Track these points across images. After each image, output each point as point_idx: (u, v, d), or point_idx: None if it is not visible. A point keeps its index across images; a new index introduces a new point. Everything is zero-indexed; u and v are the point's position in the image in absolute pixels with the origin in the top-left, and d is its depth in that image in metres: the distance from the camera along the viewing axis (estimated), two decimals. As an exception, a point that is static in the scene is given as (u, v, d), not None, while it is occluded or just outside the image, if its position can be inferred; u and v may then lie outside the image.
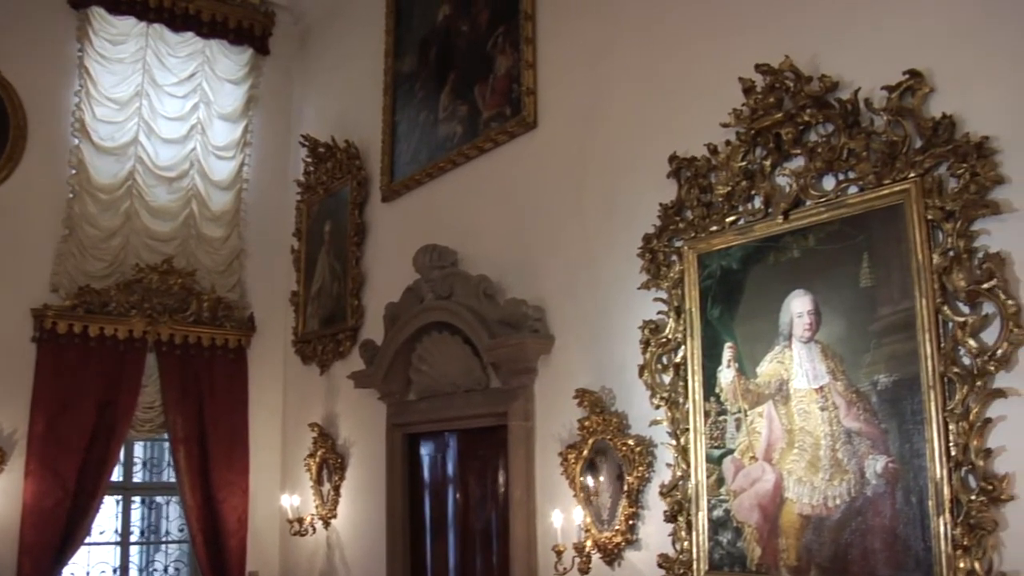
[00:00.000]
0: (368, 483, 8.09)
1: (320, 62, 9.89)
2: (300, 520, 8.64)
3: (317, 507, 8.73)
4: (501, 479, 6.65)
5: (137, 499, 9.52)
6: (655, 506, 5.30)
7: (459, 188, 7.37)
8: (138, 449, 9.74)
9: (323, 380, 8.96)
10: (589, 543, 5.57)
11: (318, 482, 8.79)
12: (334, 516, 8.53)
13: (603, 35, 6.16)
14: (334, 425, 8.74)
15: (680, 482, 5.10)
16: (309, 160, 9.32)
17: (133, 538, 9.32)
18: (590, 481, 5.70)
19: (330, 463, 8.62)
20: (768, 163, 4.78)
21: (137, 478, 9.49)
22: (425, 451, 7.61)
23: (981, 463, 3.82)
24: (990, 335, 3.86)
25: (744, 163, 4.89)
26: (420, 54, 7.99)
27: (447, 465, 7.36)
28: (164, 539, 9.77)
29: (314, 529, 8.65)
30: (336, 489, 8.53)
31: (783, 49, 4.74)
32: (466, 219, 7.19)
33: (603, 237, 5.88)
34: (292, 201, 9.71)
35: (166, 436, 9.00)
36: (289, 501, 8.85)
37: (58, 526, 8.16)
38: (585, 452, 5.74)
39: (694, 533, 5.00)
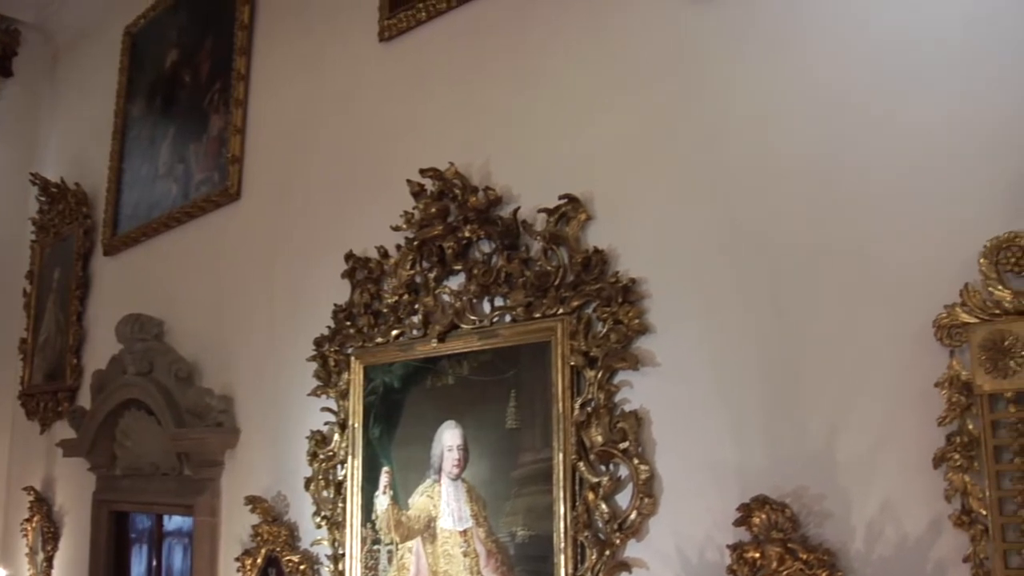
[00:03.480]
0: (79, 557, 7.37)
1: (69, 90, 9.10)
2: (5, 595, 7.96)
3: (32, 578, 8.03)
4: (193, 576, 6.09)
5: None
6: (316, 632, 4.85)
7: (171, 253, 6.73)
8: None
9: (44, 440, 8.22)
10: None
11: (33, 551, 8.06)
12: (47, 590, 7.84)
13: (306, 108, 5.62)
14: (51, 490, 8.02)
15: (338, 611, 4.66)
16: (43, 199, 8.54)
17: None
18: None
19: (45, 532, 7.90)
20: (432, 277, 4.33)
21: None
22: (132, 531, 7.00)
23: (607, 643, 3.47)
24: (625, 499, 3.50)
25: (412, 272, 4.43)
26: (149, 99, 7.30)
27: (151, 550, 6.75)
28: None
29: (26, 603, 7.96)
30: (49, 561, 7.82)
31: (463, 152, 4.33)
32: (175, 288, 6.57)
33: (288, 331, 5.34)
34: (28, 239, 8.92)
35: None
36: (-3, 572, 8.14)
37: None
38: (259, 561, 5.24)
39: (345, 671, 4.55)
